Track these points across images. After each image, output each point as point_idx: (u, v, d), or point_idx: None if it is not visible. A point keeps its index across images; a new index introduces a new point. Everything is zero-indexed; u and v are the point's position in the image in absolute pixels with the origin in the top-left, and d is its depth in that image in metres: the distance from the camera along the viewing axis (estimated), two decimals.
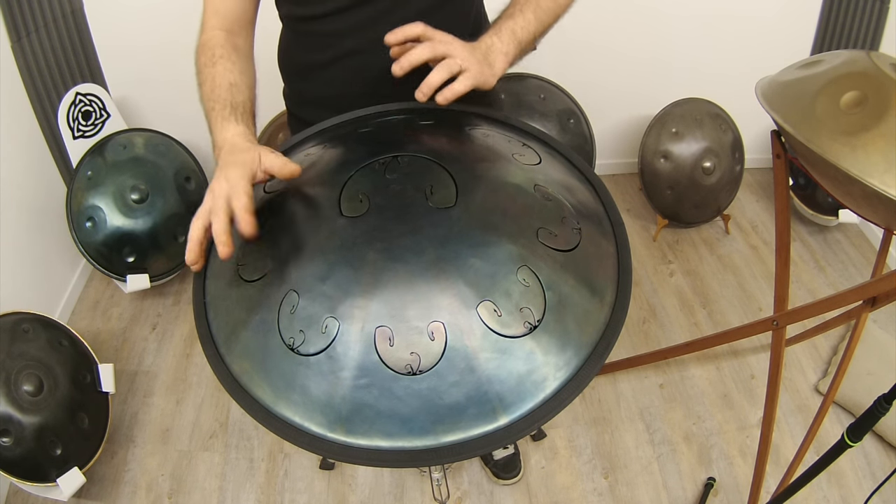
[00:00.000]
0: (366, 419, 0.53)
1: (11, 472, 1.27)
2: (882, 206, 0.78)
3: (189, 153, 1.98)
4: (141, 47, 1.91)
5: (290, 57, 0.97)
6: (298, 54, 0.95)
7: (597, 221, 0.67)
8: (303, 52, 0.94)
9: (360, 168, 0.65)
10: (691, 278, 2.05)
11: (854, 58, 0.87)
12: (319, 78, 0.94)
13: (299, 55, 0.95)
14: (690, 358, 1.79)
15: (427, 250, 0.56)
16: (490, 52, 0.75)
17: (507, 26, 0.77)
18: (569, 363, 0.55)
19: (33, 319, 1.49)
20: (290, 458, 1.58)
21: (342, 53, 0.89)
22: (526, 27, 0.78)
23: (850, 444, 0.97)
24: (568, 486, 1.51)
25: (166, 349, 1.87)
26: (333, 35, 0.89)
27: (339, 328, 0.54)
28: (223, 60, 0.80)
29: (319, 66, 0.92)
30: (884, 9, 2.04)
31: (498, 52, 0.75)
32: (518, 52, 0.78)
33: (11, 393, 1.32)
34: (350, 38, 0.88)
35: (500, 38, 0.76)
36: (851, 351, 1.18)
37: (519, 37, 0.77)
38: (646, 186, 2.13)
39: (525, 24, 0.78)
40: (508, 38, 0.76)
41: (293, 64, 0.98)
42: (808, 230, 2.21)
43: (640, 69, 2.17)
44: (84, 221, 1.79)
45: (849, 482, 1.49)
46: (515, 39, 0.77)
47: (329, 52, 0.90)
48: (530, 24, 0.78)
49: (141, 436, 1.64)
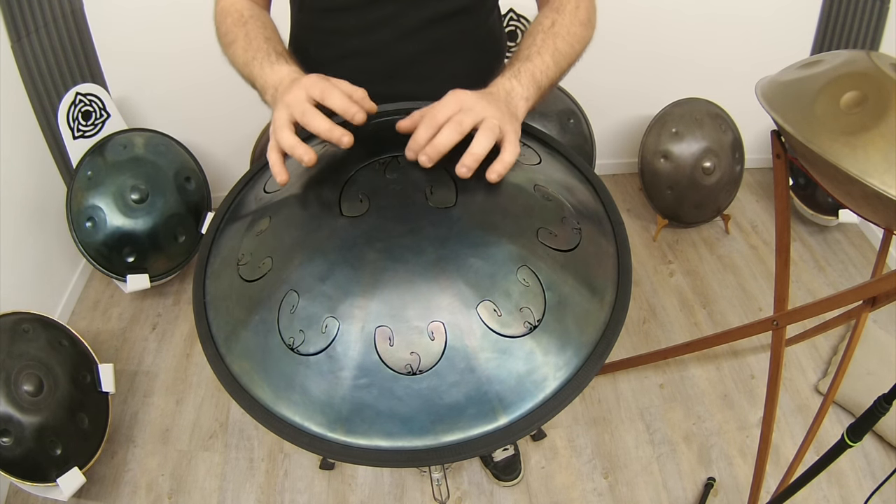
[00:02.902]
0: (366, 419, 0.53)
1: (11, 472, 1.27)
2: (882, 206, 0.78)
3: (189, 153, 1.98)
4: (141, 47, 1.91)
5: (298, 52, 0.97)
6: (307, 49, 0.95)
7: (597, 221, 0.67)
8: (311, 48, 0.94)
9: (360, 168, 0.65)
10: (691, 278, 2.05)
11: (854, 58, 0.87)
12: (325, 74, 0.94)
13: (307, 50, 0.95)
14: (690, 358, 1.79)
15: (427, 250, 0.56)
16: (511, 98, 0.68)
17: (527, 70, 0.71)
18: (569, 363, 0.55)
19: (33, 319, 1.49)
20: (290, 458, 1.58)
21: (346, 53, 0.89)
22: (545, 72, 0.72)
23: (850, 444, 0.97)
24: (568, 486, 1.51)
25: (166, 349, 1.87)
26: (340, 33, 0.89)
27: (339, 328, 0.54)
28: (253, 20, 0.79)
29: (326, 63, 0.92)
30: (884, 9, 2.04)
31: (519, 98, 0.69)
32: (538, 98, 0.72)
33: (11, 393, 1.32)
34: (355, 39, 0.88)
35: (520, 83, 0.69)
36: (851, 351, 1.18)
37: (538, 80, 0.71)
38: (646, 186, 2.13)
39: (545, 68, 0.72)
40: (528, 82, 0.70)
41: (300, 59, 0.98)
42: (808, 230, 2.21)
43: (640, 69, 2.17)
44: (84, 221, 1.79)
45: (849, 482, 1.49)
46: (535, 84, 0.71)
47: (334, 50, 0.90)
48: (549, 70, 0.73)
49: (141, 436, 1.64)
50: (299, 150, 0.61)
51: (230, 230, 0.70)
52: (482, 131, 0.60)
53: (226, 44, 0.80)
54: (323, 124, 0.60)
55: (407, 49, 0.88)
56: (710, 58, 2.16)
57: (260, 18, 0.81)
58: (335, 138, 0.61)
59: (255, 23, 0.79)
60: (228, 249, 0.67)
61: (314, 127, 0.61)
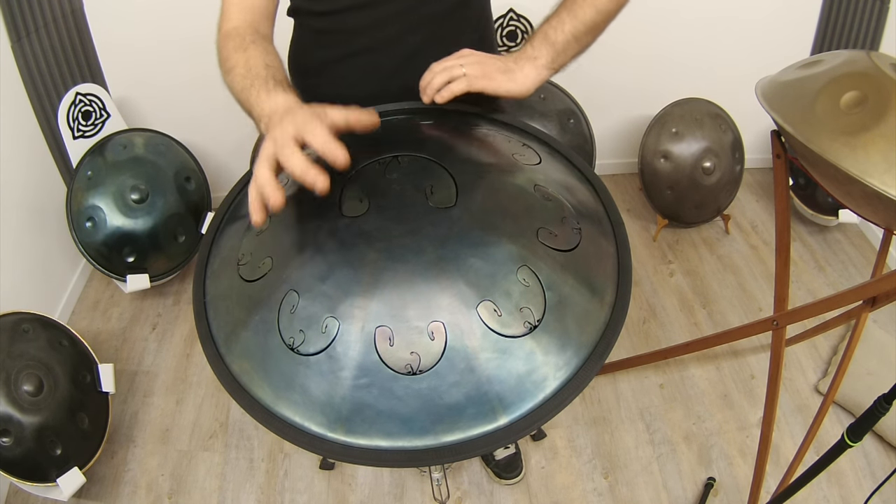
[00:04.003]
0: (366, 419, 0.53)
1: (11, 472, 1.27)
2: (882, 206, 0.78)
3: (189, 153, 1.98)
4: (141, 47, 1.91)
5: (302, 53, 0.97)
6: (310, 50, 0.95)
7: (597, 221, 0.67)
8: (315, 49, 0.94)
9: (360, 168, 0.65)
10: (691, 278, 2.05)
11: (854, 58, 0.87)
12: (329, 74, 0.94)
13: (311, 51, 0.95)
14: (690, 358, 1.79)
15: (427, 250, 0.56)
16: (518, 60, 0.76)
17: (540, 31, 0.77)
18: (569, 363, 0.55)
19: (33, 319, 1.49)
20: (290, 458, 1.58)
21: (354, 51, 0.90)
22: (559, 27, 0.76)
23: (850, 444, 0.96)
24: (568, 486, 1.51)
25: (166, 349, 1.87)
26: (345, 32, 0.89)
27: (339, 328, 0.54)
28: (254, 46, 0.78)
29: (331, 63, 0.93)
30: (884, 9, 2.04)
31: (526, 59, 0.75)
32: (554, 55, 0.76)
33: (11, 393, 1.32)
34: (363, 37, 0.89)
35: (531, 45, 0.76)
36: (851, 351, 1.18)
37: (552, 38, 0.76)
38: (646, 186, 2.13)
39: (558, 23, 0.76)
40: (539, 42, 0.76)
41: (304, 60, 0.98)
42: (808, 230, 2.21)
43: (640, 69, 2.17)
44: (84, 221, 1.79)
45: (849, 482, 1.49)
46: (548, 42, 0.76)
47: (340, 49, 0.90)
48: (564, 24, 0.76)
49: (141, 436, 1.64)
50: (267, 190, 0.57)
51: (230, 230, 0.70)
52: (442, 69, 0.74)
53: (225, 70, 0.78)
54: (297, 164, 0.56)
55: (412, 43, 0.89)
56: (710, 58, 2.16)
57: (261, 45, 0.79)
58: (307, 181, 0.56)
59: (255, 49, 0.78)
60: (228, 249, 0.67)
61: (289, 168, 0.57)
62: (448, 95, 0.74)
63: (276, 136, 0.59)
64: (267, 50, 0.79)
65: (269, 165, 0.58)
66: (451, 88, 0.73)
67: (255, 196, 0.58)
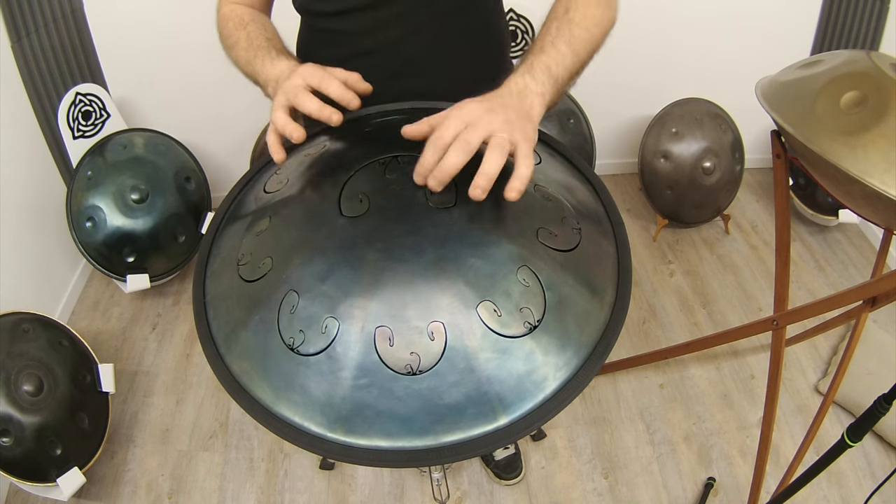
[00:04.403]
0: (366, 419, 0.53)
1: (11, 472, 1.27)
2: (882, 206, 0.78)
3: (189, 153, 1.98)
4: (141, 47, 1.91)
5: (307, 52, 0.98)
6: (316, 49, 0.96)
7: (597, 221, 0.67)
8: (320, 48, 0.94)
9: (360, 168, 0.65)
10: (691, 278, 2.05)
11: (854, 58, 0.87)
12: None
13: (316, 50, 0.95)
14: (690, 358, 1.79)
15: (427, 250, 0.56)
16: (524, 97, 0.62)
17: (541, 63, 0.65)
18: (569, 363, 0.55)
19: (33, 319, 1.49)
20: (290, 458, 1.58)
21: (357, 52, 0.90)
22: (561, 62, 0.67)
23: (850, 444, 0.97)
24: (568, 486, 1.51)
25: (166, 349, 1.87)
26: (348, 34, 0.89)
27: (339, 328, 0.54)
28: (254, 23, 0.84)
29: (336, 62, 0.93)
30: (884, 9, 2.05)
31: (534, 95, 0.63)
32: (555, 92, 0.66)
33: (11, 393, 1.33)
34: (366, 38, 0.89)
35: (533, 78, 0.64)
36: (851, 351, 1.18)
37: (555, 73, 0.65)
38: (646, 186, 2.13)
39: (560, 58, 0.67)
40: (543, 76, 0.64)
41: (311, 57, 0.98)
42: (808, 230, 2.21)
43: (640, 69, 2.17)
44: (84, 221, 1.79)
45: (849, 482, 1.49)
46: (551, 77, 0.65)
47: (344, 49, 0.91)
48: (566, 59, 0.67)
49: (141, 436, 1.64)
50: (289, 128, 0.65)
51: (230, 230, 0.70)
52: (491, 148, 0.55)
53: (228, 46, 0.84)
54: (313, 104, 0.65)
55: (414, 45, 0.89)
56: (710, 58, 2.16)
57: (260, 21, 0.85)
58: (325, 117, 0.65)
59: (255, 25, 0.83)
60: (228, 249, 0.67)
61: (305, 108, 0.65)
62: (523, 188, 0.56)
63: (287, 88, 0.66)
64: (265, 25, 0.85)
65: (285, 111, 0.66)
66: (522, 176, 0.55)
67: (273, 139, 0.66)
